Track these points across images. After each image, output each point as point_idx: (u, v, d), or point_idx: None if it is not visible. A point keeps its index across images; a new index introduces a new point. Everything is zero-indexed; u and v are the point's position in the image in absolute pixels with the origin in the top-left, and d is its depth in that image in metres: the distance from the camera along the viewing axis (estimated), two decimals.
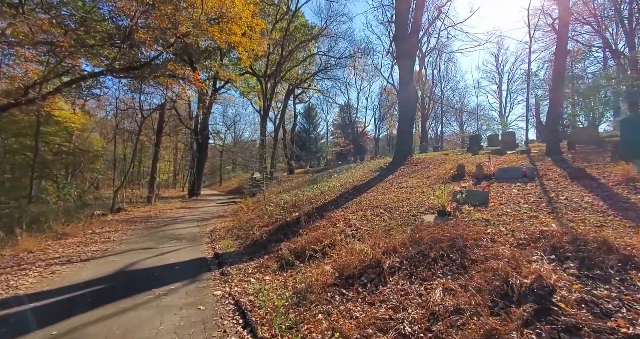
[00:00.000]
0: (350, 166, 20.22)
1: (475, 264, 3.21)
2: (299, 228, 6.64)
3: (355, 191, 9.53)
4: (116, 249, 6.79)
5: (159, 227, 10.17)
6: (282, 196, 12.45)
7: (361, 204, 7.52)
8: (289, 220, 7.73)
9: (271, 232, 7.18)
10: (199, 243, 7.42)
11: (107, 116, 36.11)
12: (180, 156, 40.12)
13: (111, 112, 33.53)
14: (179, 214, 14.19)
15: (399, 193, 7.62)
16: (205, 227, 9.96)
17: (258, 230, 7.64)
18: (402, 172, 11.05)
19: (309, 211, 8.21)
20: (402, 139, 13.28)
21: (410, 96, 12.92)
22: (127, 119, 33.74)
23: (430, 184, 7.89)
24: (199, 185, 24.93)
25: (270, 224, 8.08)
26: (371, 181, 10.81)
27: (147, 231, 9.45)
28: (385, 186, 9.19)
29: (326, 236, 5.39)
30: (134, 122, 27.82)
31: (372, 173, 12.50)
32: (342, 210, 7.39)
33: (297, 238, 5.87)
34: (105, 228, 9.68)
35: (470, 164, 8.80)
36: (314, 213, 7.63)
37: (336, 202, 8.53)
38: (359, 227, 5.57)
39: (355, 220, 6.08)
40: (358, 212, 6.68)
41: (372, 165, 14.72)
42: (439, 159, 11.93)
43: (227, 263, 5.47)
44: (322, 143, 40.96)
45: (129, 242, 7.61)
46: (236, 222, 9.90)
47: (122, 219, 12.38)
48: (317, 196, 9.85)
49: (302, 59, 24.96)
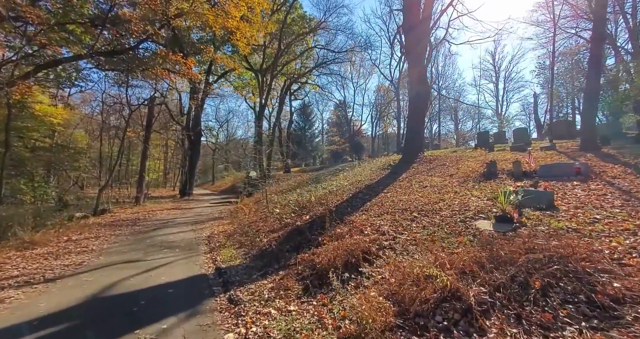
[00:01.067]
0: (351, 165, 19.16)
1: (619, 303, 2.15)
2: (316, 235, 5.50)
3: (369, 191, 8.45)
4: (93, 262, 5.50)
5: (148, 232, 8.87)
6: (285, 196, 11.28)
7: (383, 205, 6.45)
8: (300, 224, 6.59)
9: (282, 240, 6.02)
10: (196, 253, 6.20)
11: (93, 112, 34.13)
12: (170, 153, 38.33)
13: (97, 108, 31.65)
14: (171, 216, 12.85)
15: (425, 193, 6.57)
16: (202, 232, 8.71)
17: (265, 236, 6.46)
18: (416, 170, 10.03)
19: (322, 213, 7.08)
20: (413, 135, 12.27)
21: (421, 89, 11.90)
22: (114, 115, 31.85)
23: (459, 183, 6.86)
24: (191, 184, 23.46)
25: (278, 229, 6.92)
26: (384, 179, 9.75)
27: (133, 237, 8.14)
28: (404, 185, 8.14)
29: (356, 247, 4.28)
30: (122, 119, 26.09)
31: (381, 171, 11.46)
32: (362, 213, 6.30)
33: (317, 250, 4.72)
34: (85, 234, 8.32)
35: (499, 160, 7.84)
36: (331, 216, 6.52)
37: (351, 204, 7.44)
38: (396, 236, 4.47)
39: (386, 226, 4.98)
40: (384, 216, 5.59)
41: (379, 163, 13.68)
42: (453, 156, 10.97)
43: (234, 283, 4.29)
44: (318, 141, 39.80)
45: (111, 252, 6.32)
46: (237, 226, 8.69)
47: (106, 222, 10.99)
48: (326, 196, 8.72)
49: (299, 53, 23.71)
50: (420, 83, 11.88)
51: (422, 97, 11.98)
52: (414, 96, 12.24)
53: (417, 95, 12.02)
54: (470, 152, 11.64)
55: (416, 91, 12.03)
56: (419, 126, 12.27)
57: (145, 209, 15.58)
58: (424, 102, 12.08)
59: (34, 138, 17.45)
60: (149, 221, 11.40)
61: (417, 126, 12.18)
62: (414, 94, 12.24)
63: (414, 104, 12.24)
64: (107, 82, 22.74)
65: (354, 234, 5.02)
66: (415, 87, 12.13)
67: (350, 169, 15.06)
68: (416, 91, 12.04)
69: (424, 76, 12.02)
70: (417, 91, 11.96)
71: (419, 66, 11.95)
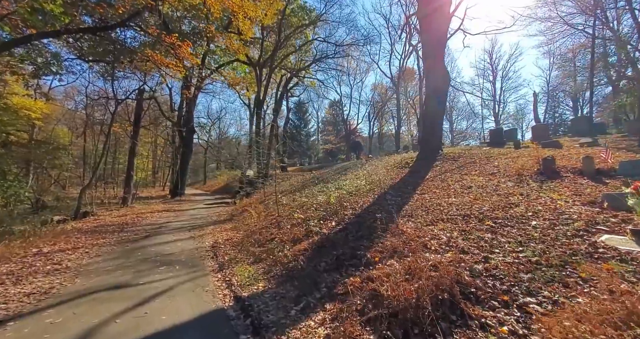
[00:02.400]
0: (353, 163, 17.97)
1: None
2: (360, 250, 4.25)
3: (398, 192, 7.25)
4: (66, 289, 4.08)
5: (138, 240, 7.40)
6: (293, 197, 9.97)
7: (431, 210, 5.25)
8: (328, 233, 5.32)
9: (311, 254, 4.74)
10: (202, 271, 4.83)
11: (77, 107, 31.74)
12: (160, 151, 36.23)
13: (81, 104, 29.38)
14: (163, 219, 11.32)
15: (478, 195, 5.41)
16: (203, 240, 7.31)
17: (288, 249, 5.14)
18: (442, 168, 8.91)
19: (351, 218, 5.85)
20: (431, 130, 11.12)
21: (440, 80, 10.78)
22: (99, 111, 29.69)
23: (515, 183, 5.72)
24: (182, 184, 21.77)
25: (300, 238, 5.62)
26: (407, 178, 8.59)
27: (121, 247, 6.67)
28: (440, 186, 6.97)
29: (441, 274, 3.02)
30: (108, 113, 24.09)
31: (398, 170, 10.31)
32: (407, 219, 5.08)
33: (372, 272, 3.46)
34: (60, 244, 6.80)
35: (560, 157, 6.77)
36: (368, 223, 5.28)
37: (383, 207, 6.21)
38: (487, 256, 3.21)
39: (459, 239, 3.76)
40: (442, 225, 4.38)
41: (392, 161, 12.53)
42: (477, 154, 9.90)
43: (268, 325, 2.98)
44: (313, 140, 38.48)
45: (91, 271, 4.88)
46: (245, 233, 7.33)
47: (88, 227, 9.42)
48: (347, 198, 7.48)
49: (298, 46, 22.32)
50: (438, 73, 10.75)
51: (441, 88, 10.85)
52: (432, 87, 11.10)
53: (435, 86, 10.89)
54: (487, 150, 10.62)
55: (434, 82, 10.90)
56: (437, 120, 11.16)
57: (134, 211, 13.96)
58: (443, 94, 10.94)
59: (8, 132, 15.50)
60: (138, 225, 9.88)
61: (435, 120, 11.06)
62: (432, 86, 11.10)
63: (432, 97, 11.09)
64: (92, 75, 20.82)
65: (416, 249, 3.78)
66: (432, 78, 11.00)
67: (358, 168, 13.86)
68: (434, 83, 10.91)
69: (442, 66, 10.89)
70: (434, 82, 10.84)
71: (438, 55, 10.82)
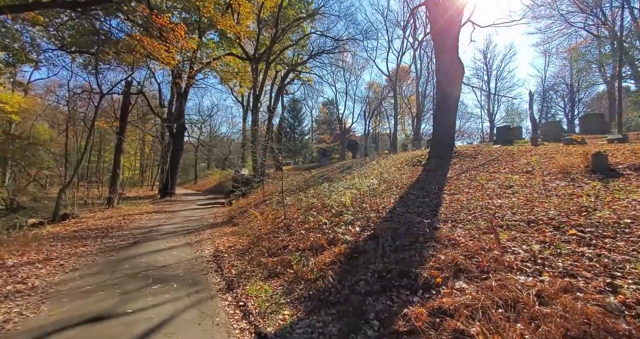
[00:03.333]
0: (355, 162, 17.15)
1: None
2: (409, 265, 3.37)
3: (421, 192, 6.44)
4: (26, 324, 3.04)
5: (125, 248, 6.32)
6: (299, 197, 9.03)
7: (478, 214, 4.43)
8: (357, 241, 4.43)
9: (341, 268, 3.84)
10: (207, 292, 3.86)
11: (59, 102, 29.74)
12: (148, 149, 34.50)
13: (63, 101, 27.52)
14: (153, 221, 10.19)
15: (528, 197, 4.63)
16: (201, 247, 6.30)
17: (313, 261, 4.21)
18: (463, 166, 8.17)
19: (377, 222, 4.97)
20: (444, 127, 10.34)
21: (453, 71, 10.03)
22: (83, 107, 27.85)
23: (567, 183, 4.95)
24: (173, 183, 20.45)
25: (321, 246, 4.70)
26: (426, 177, 7.80)
27: (104, 258, 5.59)
28: (470, 185, 6.19)
29: (554, 311, 2.17)
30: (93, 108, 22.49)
31: (411, 168, 9.55)
32: (452, 225, 4.24)
33: (442, 299, 2.60)
34: (30, 254, 5.66)
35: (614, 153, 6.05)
36: (403, 229, 4.41)
37: (411, 209, 5.40)
38: (614, 284, 2.37)
39: (550, 256, 2.91)
40: (510, 233, 3.53)
41: (400, 159, 11.76)
42: (496, 151, 9.23)
43: None
44: (308, 139, 37.47)
45: (63, 294, 3.83)
46: (250, 239, 6.35)
47: (67, 232, 8.22)
48: (364, 199, 6.60)
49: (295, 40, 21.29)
50: (452, 65, 10.01)
51: (455, 81, 10.11)
52: (445, 80, 10.33)
53: (448, 79, 10.13)
54: (500, 147, 9.96)
55: (447, 74, 10.15)
56: (451, 115, 10.40)
57: (120, 212, 12.72)
58: (457, 87, 10.19)
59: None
60: (125, 229, 8.74)
61: (449, 115, 10.28)
62: (444, 79, 10.33)
63: (445, 89, 10.33)
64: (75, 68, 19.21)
65: (489, 267, 2.92)
66: (445, 71, 10.23)
67: (362, 167, 13.04)
68: (447, 75, 10.15)
69: (456, 57, 10.13)
70: (448, 74, 10.08)
71: (451, 45, 10.06)
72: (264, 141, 17.39)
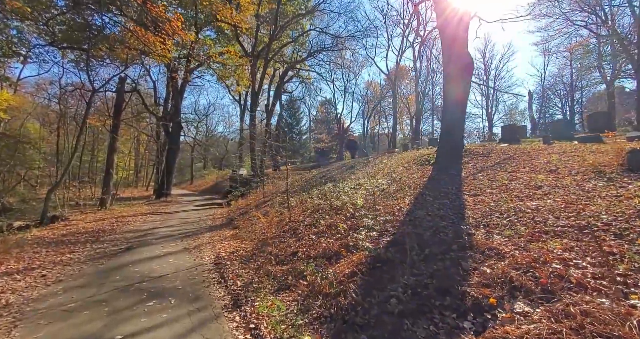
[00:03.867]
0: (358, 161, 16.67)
1: None
2: (445, 279, 2.87)
3: (438, 193, 5.97)
4: None
5: (117, 255, 5.73)
6: (303, 198, 8.50)
7: (513, 218, 3.96)
8: (378, 249, 3.92)
9: (364, 281, 3.33)
10: (211, 310, 3.31)
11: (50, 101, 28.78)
12: (143, 149, 33.63)
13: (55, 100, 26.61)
14: (148, 224, 9.58)
15: (566, 198, 4.18)
16: (201, 253, 5.74)
17: (331, 272, 3.68)
18: (477, 166, 7.74)
19: (396, 226, 4.48)
20: (453, 124, 9.83)
21: (462, 66, 9.56)
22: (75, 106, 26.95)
23: (606, 182, 4.50)
24: (169, 183, 19.75)
25: (336, 253, 4.19)
26: (439, 176, 7.33)
27: (92, 267, 5.00)
28: (492, 185, 5.73)
29: None
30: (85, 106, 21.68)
31: (420, 167, 9.09)
32: (486, 231, 3.76)
33: (503, 328, 2.11)
34: (9, 263, 5.05)
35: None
36: (429, 235, 3.92)
37: (432, 212, 4.93)
38: None
39: (626, 270, 2.45)
40: (562, 242, 3.06)
41: (406, 158, 11.28)
42: (509, 150, 8.80)
43: None
44: (305, 139, 36.91)
45: (41, 314, 3.26)
46: (253, 244, 5.81)
47: (55, 237, 7.60)
48: (376, 200, 6.11)
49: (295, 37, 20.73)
50: (461, 59, 9.55)
51: (464, 76, 9.63)
52: (453, 75, 9.84)
53: (456, 74, 9.66)
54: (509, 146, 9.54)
55: (455, 69, 9.68)
56: (460, 111, 9.93)
57: (114, 214, 12.06)
58: (466, 82, 9.72)
59: None
60: (118, 233, 8.13)
61: (458, 111, 9.82)
62: (453, 74, 9.84)
63: (454, 85, 9.86)
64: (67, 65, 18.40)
65: (565, 288, 2.42)
66: (454, 65, 9.75)
67: (366, 166, 12.55)
68: (455, 69, 9.68)
69: (465, 50, 9.67)
70: (456, 69, 9.61)
71: (460, 38, 9.60)
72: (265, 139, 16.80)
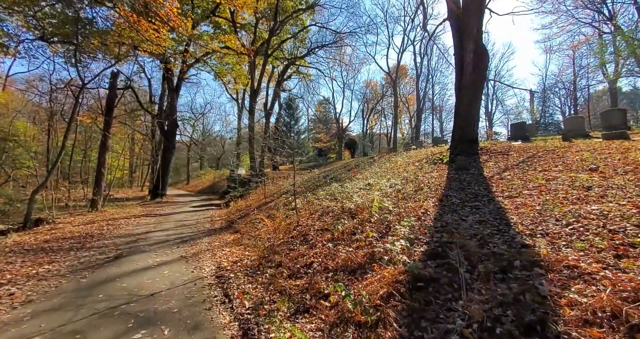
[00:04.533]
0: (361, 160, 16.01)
1: None
2: (530, 314, 2.19)
3: (464, 194, 5.33)
4: None
5: (103, 266, 4.97)
6: (310, 199, 7.80)
7: (577, 225, 3.30)
8: (415, 262, 3.23)
9: (406, 306, 2.63)
10: None
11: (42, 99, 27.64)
12: (138, 148, 32.60)
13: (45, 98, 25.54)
14: (142, 227, 8.79)
15: (629, 200, 3.54)
16: (200, 263, 5.00)
17: (364, 294, 2.97)
18: (500, 164, 7.09)
19: (427, 234, 3.81)
20: (468, 120, 9.18)
21: (476, 56, 8.90)
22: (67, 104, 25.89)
23: None
24: (164, 183, 18.90)
25: (361, 266, 3.50)
26: (459, 176, 6.69)
27: (72, 281, 4.24)
28: (527, 186, 5.08)
29: None
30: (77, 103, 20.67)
31: (434, 166, 8.43)
32: (548, 241, 3.09)
33: None
34: None
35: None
36: (474, 246, 3.24)
37: (461, 215, 4.26)
38: None
39: None
40: None
41: (415, 157, 10.65)
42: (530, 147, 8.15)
43: None
44: (304, 138, 36.17)
45: None
46: (259, 252, 5.08)
47: (37, 242, 6.79)
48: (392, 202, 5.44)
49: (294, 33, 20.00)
50: (475, 49, 8.92)
51: (479, 67, 9.00)
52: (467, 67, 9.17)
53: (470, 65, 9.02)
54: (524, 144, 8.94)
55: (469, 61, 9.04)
56: (475, 106, 9.28)
57: (105, 216, 11.24)
58: (481, 73, 9.08)
59: None
60: (107, 238, 7.34)
61: (473, 106, 9.17)
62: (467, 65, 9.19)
63: (468, 77, 9.20)
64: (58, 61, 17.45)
65: None
66: (467, 56, 9.10)
67: (372, 165, 11.88)
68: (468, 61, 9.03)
69: (480, 41, 9.05)
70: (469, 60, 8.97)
71: (473, 27, 8.95)
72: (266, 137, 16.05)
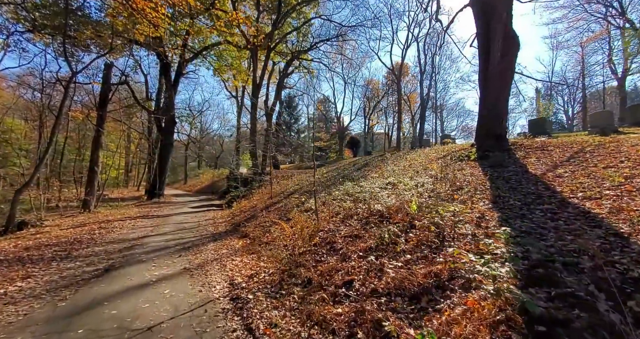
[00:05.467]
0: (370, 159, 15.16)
1: None
2: None
3: (520, 195, 4.53)
4: None
5: (89, 282, 4.03)
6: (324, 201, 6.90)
7: None
8: (510, 290, 2.34)
9: None
10: None
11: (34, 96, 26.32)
12: (134, 147, 31.40)
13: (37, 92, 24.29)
14: (138, 231, 7.82)
15: None
16: (208, 279, 4.08)
17: (452, 333, 2.10)
18: (545, 161, 6.26)
19: (500, 245, 2.95)
20: (496, 113, 8.36)
21: (506, 44, 8.08)
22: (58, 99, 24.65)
23: None
24: (161, 183, 17.86)
25: (422, 287, 2.62)
26: (499, 175, 5.86)
27: (48, 306, 3.30)
28: (609, 187, 4.24)
29: None
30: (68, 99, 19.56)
31: (460, 163, 7.59)
32: None
33: None
34: None
35: None
36: (574, 262, 2.39)
37: (539, 222, 3.41)
38: None
39: None
40: None
41: (433, 154, 9.82)
42: (572, 142, 7.32)
43: None
44: (304, 137, 35.27)
45: None
46: (277, 263, 4.17)
47: (16, 250, 5.81)
48: (436, 203, 4.58)
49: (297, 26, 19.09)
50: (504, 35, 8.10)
51: (510, 52, 8.17)
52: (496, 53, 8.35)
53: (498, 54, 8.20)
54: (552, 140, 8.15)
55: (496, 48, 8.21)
56: (503, 97, 8.47)
57: (98, 218, 10.23)
58: (510, 62, 8.25)
59: None
60: (98, 244, 6.38)
61: (501, 99, 8.36)
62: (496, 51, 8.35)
63: (495, 67, 8.34)
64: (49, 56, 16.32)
65: None
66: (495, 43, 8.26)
67: (386, 163, 11.00)
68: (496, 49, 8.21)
69: (508, 24, 8.22)
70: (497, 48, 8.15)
71: (501, 11, 8.13)
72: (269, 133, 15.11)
